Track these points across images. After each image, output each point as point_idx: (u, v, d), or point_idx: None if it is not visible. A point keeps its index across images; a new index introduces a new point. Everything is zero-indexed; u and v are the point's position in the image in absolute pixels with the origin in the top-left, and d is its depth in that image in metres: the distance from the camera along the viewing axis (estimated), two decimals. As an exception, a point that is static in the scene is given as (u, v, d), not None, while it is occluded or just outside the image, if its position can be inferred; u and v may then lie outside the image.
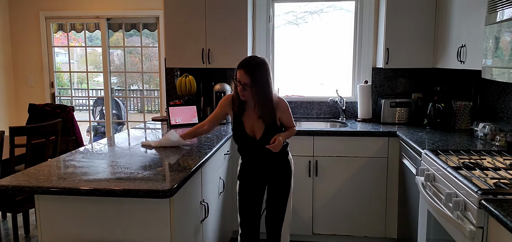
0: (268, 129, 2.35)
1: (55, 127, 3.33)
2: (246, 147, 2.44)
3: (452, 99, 3.27)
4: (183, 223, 1.97)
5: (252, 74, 2.22)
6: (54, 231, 1.85)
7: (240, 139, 2.43)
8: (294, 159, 3.23)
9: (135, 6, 4.49)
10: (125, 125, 5.49)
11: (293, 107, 3.91)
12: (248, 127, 2.38)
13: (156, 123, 3.71)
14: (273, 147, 2.29)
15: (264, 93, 2.28)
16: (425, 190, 2.20)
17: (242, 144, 2.46)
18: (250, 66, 2.24)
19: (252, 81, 2.22)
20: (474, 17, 2.54)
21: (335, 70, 3.99)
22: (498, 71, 2.02)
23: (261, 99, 2.28)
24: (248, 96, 2.28)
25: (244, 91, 2.26)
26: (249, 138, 2.39)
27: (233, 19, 3.52)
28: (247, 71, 2.23)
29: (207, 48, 3.58)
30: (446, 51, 3.06)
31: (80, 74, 6.80)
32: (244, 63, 2.26)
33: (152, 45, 5.21)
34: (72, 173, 1.97)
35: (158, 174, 1.96)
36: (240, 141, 2.45)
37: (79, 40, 5.72)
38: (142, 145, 2.58)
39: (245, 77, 2.22)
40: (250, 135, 2.38)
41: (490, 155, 2.23)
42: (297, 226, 3.33)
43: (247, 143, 2.42)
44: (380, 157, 3.19)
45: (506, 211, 1.42)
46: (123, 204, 1.80)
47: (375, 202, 3.24)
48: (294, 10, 4.02)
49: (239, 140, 2.44)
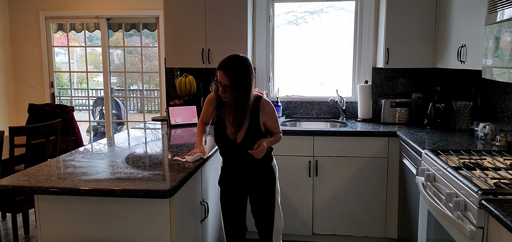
0: (250, 132, 2.20)
1: (55, 127, 3.33)
2: (227, 150, 2.30)
3: (452, 99, 3.27)
4: (183, 223, 1.97)
5: (233, 75, 2.08)
6: (54, 231, 1.85)
7: (221, 141, 2.29)
8: (294, 159, 3.27)
9: (135, 6, 4.49)
10: (125, 125, 5.49)
11: (293, 107, 3.91)
12: (230, 129, 2.22)
13: (156, 123, 3.71)
14: (256, 153, 2.15)
15: (244, 95, 2.12)
16: (425, 190, 2.20)
17: (222, 147, 2.31)
18: (230, 67, 2.09)
19: (233, 83, 2.08)
20: (474, 17, 2.54)
21: (335, 70, 3.99)
22: (498, 71, 2.02)
23: (240, 102, 2.11)
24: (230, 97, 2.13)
25: (225, 93, 2.11)
26: (230, 141, 2.24)
27: (233, 19, 3.52)
28: (227, 72, 2.08)
29: (207, 48, 3.57)
30: (446, 51, 3.06)
31: (80, 74, 6.80)
32: (224, 63, 2.11)
33: (152, 45, 5.21)
34: (72, 173, 1.96)
35: (158, 174, 1.96)
36: (221, 143, 2.30)
37: (79, 40, 5.71)
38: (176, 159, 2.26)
39: (225, 79, 2.08)
40: (231, 137, 2.23)
41: (490, 155, 2.22)
42: (297, 226, 3.33)
43: (227, 146, 2.27)
44: (380, 157, 3.19)
45: (507, 211, 1.42)
46: (123, 204, 1.80)
47: (375, 202, 3.24)
48: (294, 10, 4.01)
49: (219, 141, 2.30)
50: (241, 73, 2.10)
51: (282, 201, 3.26)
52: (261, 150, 2.16)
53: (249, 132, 2.20)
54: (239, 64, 2.12)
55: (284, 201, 3.28)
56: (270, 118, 2.26)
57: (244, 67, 2.12)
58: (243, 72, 2.11)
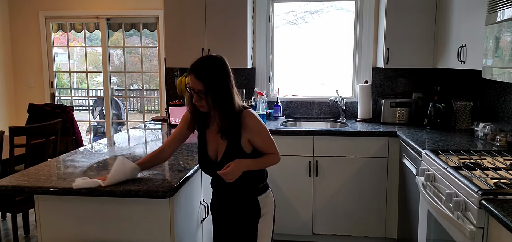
0: (229, 153, 1.79)
1: (54, 127, 3.33)
2: (208, 172, 1.92)
3: (452, 99, 3.27)
4: (183, 223, 1.97)
5: (206, 77, 1.72)
6: (53, 231, 1.85)
7: (201, 162, 1.90)
8: (294, 159, 3.26)
9: (134, 6, 4.49)
10: (125, 125, 5.49)
11: (293, 107, 3.91)
12: (212, 147, 1.85)
13: (156, 122, 3.71)
14: (224, 174, 1.74)
15: (222, 100, 1.74)
16: (425, 190, 2.20)
17: (203, 169, 1.93)
18: (201, 68, 1.74)
19: (207, 86, 1.72)
20: (474, 17, 2.54)
21: (335, 70, 3.99)
22: (498, 71, 2.02)
23: (220, 109, 1.74)
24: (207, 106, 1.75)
25: (200, 101, 1.74)
26: (210, 162, 1.85)
27: (233, 19, 3.52)
28: (199, 74, 1.72)
29: (207, 48, 3.57)
30: (446, 51, 3.06)
31: (80, 74, 6.80)
32: (194, 65, 1.75)
33: (152, 45, 5.21)
34: (72, 173, 1.96)
35: (158, 174, 1.96)
36: (202, 165, 1.91)
37: (79, 40, 5.71)
38: (76, 187, 1.74)
39: (197, 83, 1.72)
40: (212, 157, 1.85)
41: (490, 155, 2.22)
42: (297, 226, 3.33)
43: (208, 168, 1.88)
44: (380, 157, 3.19)
45: (507, 211, 1.42)
46: (123, 204, 1.80)
47: (375, 202, 3.24)
48: (294, 10, 4.01)
49: (200, 162, 1.91)
50: (215, 73, 1.75)
51: (282, 201, 3.27)
52: (230, 171, 1.74)
53: (227, 153, 1.80)
54: (212, 63, 1.77)
55: (284, 201, 3.28)
56: (255, 135, 1.81)
57: (218, 67, 1.77)
58: (217, 72, 1.75)
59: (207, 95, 1.73)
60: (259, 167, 1.85)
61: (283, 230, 3.31)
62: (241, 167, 1.77)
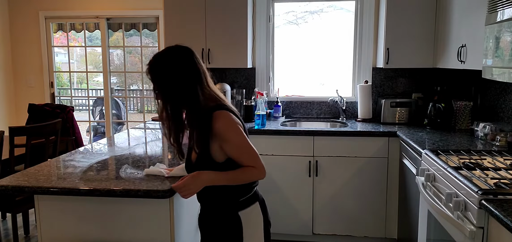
0: (200, 158, 1.56)
1: (54, 127, 3.32)
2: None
3: (452, 99, 3.27)
4: (183, 223, 1.97)
5: (154, 73, 1.50)
6: (53, 231, 1.85)
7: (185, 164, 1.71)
8: (294, 159, 3.26)
9: (134, 6, 4.49)
10: (125, 124, 5.49)
11: (293, 107, 3.91)
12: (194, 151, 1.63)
13: (155, 122, 3.71)
14: (177, 188, 1.53)
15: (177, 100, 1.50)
16: (425, 190, 2.20)
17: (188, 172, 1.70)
18: (152, 63, 1.51)
19: (157, 84, 1.51)
20: (474, 17, 2.54)
21: (335, 70, 3.99)
22: (499, 71, 2.02)
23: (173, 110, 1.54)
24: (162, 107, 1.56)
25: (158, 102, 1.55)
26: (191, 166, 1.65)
27: (233, 19, 3.52)
28: (149, 70, 1.51)
29: (207, 48, 3.57)
30: (446, 51, 3.06)
31: (80, 74, 6.80)
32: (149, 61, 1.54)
33: (152, 45, 5.20)
34: (71, 173, 1.96)
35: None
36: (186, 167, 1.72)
37: (79, 40, 5.71)
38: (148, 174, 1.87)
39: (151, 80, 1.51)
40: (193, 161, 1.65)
41: (490, 155, 2.22)
42: (297, 226, 3.32)
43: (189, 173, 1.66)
44: (380, 157, 3.19)
45: (507, 211, 1.42)
46: (123, 204, 1.80)
47: (375, 202, 3.24)
48: (294, 10, 4.01)
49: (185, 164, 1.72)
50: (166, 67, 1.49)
51: (282, 201, 3.27)
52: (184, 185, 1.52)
53: (198, 161, 1.57)
54: (162, 55, 1.52)
55: (284, 201, 3.28)
56: (223, 142, 1.51)
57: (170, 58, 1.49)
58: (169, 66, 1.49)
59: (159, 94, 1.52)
60: (229, 182, 1.53)
61: (283, 230, 3.31)
62: (198, 182, 1.52)
